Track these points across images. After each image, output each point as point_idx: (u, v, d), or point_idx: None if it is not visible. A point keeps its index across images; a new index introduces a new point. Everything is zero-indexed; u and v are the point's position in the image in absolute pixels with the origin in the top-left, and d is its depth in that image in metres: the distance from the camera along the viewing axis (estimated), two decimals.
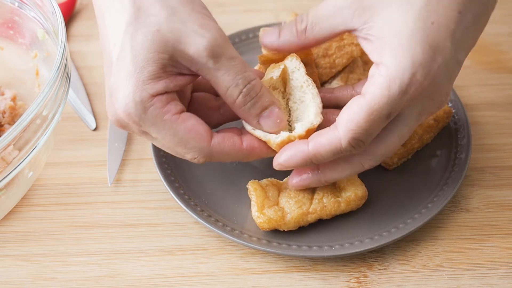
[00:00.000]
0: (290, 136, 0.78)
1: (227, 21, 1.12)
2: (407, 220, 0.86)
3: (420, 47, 0.73)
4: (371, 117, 0.74)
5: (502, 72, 1.05)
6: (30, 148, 0.80)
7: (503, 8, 1.13)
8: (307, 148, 0.77)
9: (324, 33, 0.79)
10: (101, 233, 0.87)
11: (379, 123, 0.74)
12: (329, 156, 0.77)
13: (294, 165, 0.78)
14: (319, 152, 0.76)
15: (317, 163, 0.78)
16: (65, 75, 0.84)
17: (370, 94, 0.74)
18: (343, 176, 0.81)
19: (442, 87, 0.76)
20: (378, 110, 0.73)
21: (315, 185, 0.83)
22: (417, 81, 0.73)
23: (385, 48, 0.74)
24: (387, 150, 0.79)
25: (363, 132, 0.74)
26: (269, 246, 0.83)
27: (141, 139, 0.97)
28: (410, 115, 0.76)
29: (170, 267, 0.84)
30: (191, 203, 0.87)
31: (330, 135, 0.76)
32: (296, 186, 0.83)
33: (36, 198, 0.91)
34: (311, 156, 0.77)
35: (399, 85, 0.73)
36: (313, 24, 0.79)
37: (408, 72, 0.73)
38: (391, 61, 0.74)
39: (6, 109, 0.92)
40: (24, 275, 0.84)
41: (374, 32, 0.75)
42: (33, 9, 0.91)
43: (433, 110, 0.78)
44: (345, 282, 0.83)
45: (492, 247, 0.86)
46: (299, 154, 0.77)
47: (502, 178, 0.92)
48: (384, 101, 0.73)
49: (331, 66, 0.92)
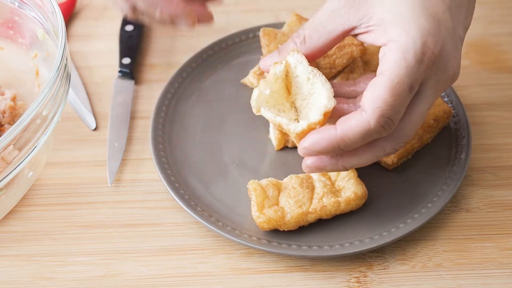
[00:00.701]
0: (310, 124, 0.76)
1: (227, 21, 1.12)
2: (407, 220, 0.86)
3: (424, 18, 0.74)
4: (394, 91, 0.72)
5: (502, 72, 1.05)
6: (30, 148, 0.80)
7: (503, 8, 1.13)
8: (335, 131, 0.74)
9: (324, 39, 0.79)
10: (101, 233, 0.87)
11: (404, 97, 0.73)
12: (358, 140, 0.74)
13: (320, 150, 0.75)
14: (347, 135, 0.74)
15: (344, 149, 0.75)
16: (65, 75, 0.84)
17: (387, 71, 0.73)
18: (363, 162, 0.78)
19: (452, 58, 0.76)
20: (400, 82, 0.72)
21: (330, 169, 0.79)
22: (429, 48, 0.73)
23: (389, 28, 0.74)
24: (410, 130, 0.77)
25: (390, 108, 0.73)
26: (269, 246, 0.83)
27: (141, 139, 0.97)
28: (428, 88, 0.76)
29: (169, 267, 0.84)
30: (191, 203, 0.87)
31: (357, 117, 0.74)
32: (311, 166, 0.79)
33: (36, 198, 0.91)
34: (338, 140, 0.74)
35: (413, 54, 0.73)
36: (311, 34, 0.79)
37: (419, 41, 0.73)
38: (400, 34, 0.74)
39: (6, 109, 0.92)
40: (24, 275, 0.84)
41: (374, 21, 0.76)
42: (33, 9, 0.91)
43: (448, 83, 0.77)
44: (345, 282, 0.83)
45: (492, 247, 0.86)
46: (326, 137, 0.75)
47: (502, 178, 0.92)
48: (403, 73, 0.73)
49: (331, 67, 0.92)
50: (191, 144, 0.94)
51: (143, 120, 0.99)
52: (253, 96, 0.79)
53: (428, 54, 0.74)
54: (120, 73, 1.04)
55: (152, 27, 1.10)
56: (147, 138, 0.97)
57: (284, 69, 0.80)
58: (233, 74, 1.02)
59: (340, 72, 0.93)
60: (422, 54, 0.73)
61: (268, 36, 0.95)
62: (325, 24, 0.78)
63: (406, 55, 0.73)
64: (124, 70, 1.04)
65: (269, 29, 0.96)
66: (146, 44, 1.10)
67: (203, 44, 1.05)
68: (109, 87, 1.03)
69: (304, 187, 0.85)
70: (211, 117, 0.97)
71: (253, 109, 0.79)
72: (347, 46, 0.93)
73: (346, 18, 0.77)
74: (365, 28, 0.77)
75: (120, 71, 1.04)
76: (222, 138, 0.95)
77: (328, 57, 0.92)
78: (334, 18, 0.78)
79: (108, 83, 1.03)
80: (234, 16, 1.13)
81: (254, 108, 0.79)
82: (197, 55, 1.03)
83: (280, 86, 0.79)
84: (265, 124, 0.96)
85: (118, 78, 1.03)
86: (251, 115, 0.96)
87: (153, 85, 1.04)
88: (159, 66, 1.06)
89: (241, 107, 0.97)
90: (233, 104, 0.99)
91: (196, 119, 0.97)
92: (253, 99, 0.79)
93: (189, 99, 0.99)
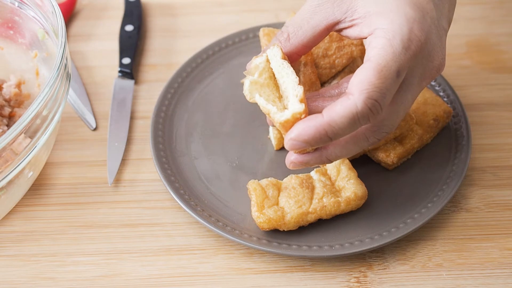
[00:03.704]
0: (295, 113, 0.74)
1: (227, 21, 1.12)
2: (407, 220, 0.86)
3: (409, 7, 0.74)
4: (381, 73, 0.72)
5: (502, 72, 1.05)
6: (30, 148, 0.80)
7: (503, 8, 1.13)
8: (322, 118, 0.72)
9: (309, 35, 0.78)
10: (101, 233, 0.87)
11: (391, 80, 0.72)
12: (346, 125, 0.72)
13: (307, 139, 0.73)
14: (334, 120, 0.72)
15: (332, 137, 0.73)
16: (65, 75, 0.84)
17: (374, 56, 0.72)
18: (347, 153, 0.77)
19: (437, 48, 0.76)
20: (387, 66, 0.72)
21: (315, 163, 0.77)
22: (416, 36, 0.73)
23: (375, 19, 0.74)
24: (394, 120, 0.77)
25: (377, 90, 0.72)
26: (269, 246, 0.83)
27: (141, 139, 0.97)
28: (414, 77, 0.75)
29: (169, 267, 0.84)
30: (191, 203, 0.87)
31: (344, 101, 0.72)
32: (295, 162, 0.78)
33: (36, 198, 0.91)
34: (325, 126, 0.72)
35: (400, 40, 0.73)
36: (295, 31, 0.79)
37: (406, 27, 0.73)
38: (386, 22, 0.73)
39: (11, 97, 0.92)
40: (24, 275, 0.84)
41: (358, 14, 0.75)
42: (33, 9, 0.91)
43: (434, 73, 0.77)
44: (345, 282, 0.83)
45: (492, 247, 0.86)
46: (313, 124, 0.72)
47: (502, 178, 0.92)
48: (390, 57, 0.72)
49: (331, 67, 0.92)
50: (191, 144, 0.94)
51: (143, 120, 0.99)
52: (245, 86, 0.79)
53: (415, 42, 0.73)
54: (120, 73, 1.04)
55: None
56: (147, 138, 0.97)
57: (266, 62, 0.79)
58: (233, 74, 1.02)
59: (340, 72, 0.93)
60: (409, 41, 0.73)
61: (268, 36, 0.95)
62: (309, 20, 0.78)
63: (393, 41, 0.72)
64: (124, 70, 1.04)
65: (269, 29, 0.96)
66: (146, 44, 1.10)
67: (203, 44, 1.05)
68: (109, 87, 1.03)
69: (304, 187, 0.85)
70: (211, 117, 0.97)
71: (246, 97, 0.79)
72: (347, 46, 0.93)
73: (330, 12, 0.77)
74: (349, 22, 0.76)
75: (120, 71, 1.04)
76: (222, 138, 0.95)
77: (328, 57, 0.92)
78: (318, 13, 0.77)
79: (108, 83, 1.03)
80: (234, 16, 1.13)
81: (247, 96, 0.79)
82: (197, 55, 1.03)
83: (267, 80, 0.79)
84: (265, 124, 0.96)
85: (118, 78, 1.04)
86: (251, 115, 0.97)
87: (153, 85, 1.04)
88: (159, 66, 1.06)
89: (241, 107, 0.97)
90: (233, 104, 0.99)
91: (196, 119, 0.97)
92: (245, 88, 0.78)
93: (189, 99, 0.99)
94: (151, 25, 1.12)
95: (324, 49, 0.92)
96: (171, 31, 1.11)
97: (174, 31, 1.11)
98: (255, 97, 0.78)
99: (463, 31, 1.10)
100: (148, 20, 1.13)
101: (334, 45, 0.92)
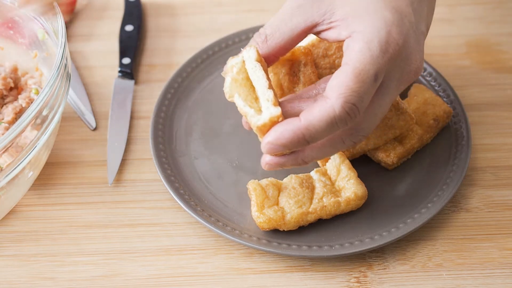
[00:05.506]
0: (272, 117, 0.73)
1: (227, 21, 1.12)
2: (407, 220, 0.86)
3: (387, 11, 0.73)
4: (359, 77, 0.71)
5: (502, 72, 1.04)
6: (30, 148, 0.81)
7: (503, 8, 1.13)
8: (299, 121, 0.72)
9: (286, 37, 0.77)
10: (101, 233, 0.87)
11: (368, 84, 0.72)
12: (323, 129, 0.72)
13: (285, 143, 0.73)
14: (312, 123, 0.72)
15: (310, 140, 0.73)
16: (65, 75, 0.84)
17: (351, 60, 0.72)
18: (322, 155, 0.77)
19: (415, 51, 0.76)
20: (365, 70, 0.71)
21: (291, 164, 0.77)
22: (394, 39, 0.73)
23: (353, 22, 0.74)
24: (371, 123, 0.76)
25: (355, 94, 0.71)
26: (269, 246, 0.83)
27: (141, 139, 0.97)
28: (392, 80, 0.75)
29: (169, 267, 0.85)
30: (191, 203, 0.87)
31: (321, 104, 0.72)
32: (270, 163, 0.77)
33: (36, 198, 0.91)
34: (303, 130, 0.72)
35: (377, 43, 0.72)
36: (272, 32, 0.78)
37: (384, 31, 0.73)
38: (364, 26, 0.73)
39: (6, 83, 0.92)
40: (23, 274, 0.84)
41: (336, 17, 0.75)
42: None
43: (411, 77, 0.77)
44: (345, 282, 0.83)
45: (492, 247, 0.86)
46: (290, 128, 0.72)
47: (502, 178, 0.92)
48: (367, 61, 0.72)
49: (330, 67, 0.92)
50: (191, 144, 0.94)
51: (143, 120, 0.99)
52: (226, 84, 0.78)
53: (393, 45, 0.73)
54: (120, 73, 1.04)
55: None
56: (147, 138, 0.97)
57: (242, 63, 0.78)
58: None
59: None
60: (387, 44, 0.72)
61: None
62: (287, 22, 0.77)
63: (370, 45, 0.72)
64: (124, 70, 1.04)
65: None
66: (146, 44, 1.10)
67: (203, 44, 1.05)
68: (109, 87, 1.03)
69: (304, 187, 0.85)
70: (211, 117, 0.97)
71: (226, 95, 0.78)
72: None
73: (309, 15, 0.76)
74: (327, 25, 0.76)
75: (120, 71, 1.04)
76: (222, 138, 0.95)
77: (328, 57, 0.92)
78: (296, 15, 0.77)
79: (108, 83, 1.03)
80: (234, 16, 1.13)
81: (227, 94, 0.78)
82: (197, 55, 1.03)
83: (244, 80, 0.78)
84: None
85: (118, 78, 1.04)
86: None
87: (153, 85, 1.04)
88: (159, 66, 1.06)
89: None
90: (233, 104, 0.98)
91: (196, 119, 0.97)
92: (226, 86, 0.78)
93: (189, 99, 0.99)
94: (151, 25, 1.12)
95: (324, 49, 0.92)
96: (171, 31, 1.11)
97: (174, 31, 1.11)
98: (234, 97, 0.77)
99: (463, 31, 1.10)
100: (148, 20, 1.13)
101: (334, 45, 0.92)
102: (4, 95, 0.92)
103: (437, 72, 0.99)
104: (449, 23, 1.11)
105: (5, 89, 0.92)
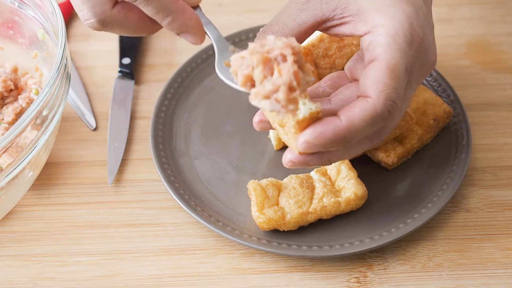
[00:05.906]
0: (313, 112, 0.69)
1: (227, 21, 1.12)
2: (407, 220, 0.86)
3: (404, 3, 0.72)
4: (394, 73, 0.70)
5: (502, 72, 1.05)
6: (30, 148, 0.80)
7: (503, 8, 1.13)
8: (340, 121, 0.69)
9: (294, 33, 0.75)
10: (101, 233, 0.87)
11: (403, 79, 0.70)
12: (365, 128, 0.70)
13: (324, 143, 0.70)
14: (354, 124, 0.69)
15: (350, 141, 0.70)
16: (65, 75, 0.84)
17: (382, 55, 0.70)
18: (349, 155, 0.75)
19: (431, 43, 0.75)
20: (397, 64, 0.70)
21: (315, 163, 0.74)
22: (416, 31, 0.72)
23: (371, 16, 0.72)
24: (397, 119, 0.74)
25: (394, 90, 0.70)
26: (269, 246, 0.83)
27: (141, 139, 0.97)
28: (414, 75, 0.73)
29: (169, 267, 0.85)
30: (191, 203, 0.87)
31: (362, 104, 0.70)
32: (293, 162, 0.74)
33: (36, 198, 0.91)
34: (344, 130, 0.69)
35: (403, 36, 0.71)
36: (280, 29, 0.76)
37: (406, 23, 0.71)
38: (385, 19, 0.71)
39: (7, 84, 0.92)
40: (24, 275, 0.84)
41: (350, 11, 0.73)
42: (33, 9, 0.91)
43: (429, 69, 0.75)
44: (345, 282, 0.83)
45: (492, 247, 0.86)
46: (331, 128, 0.69)
47: (502, 178, 0.92)
48: (398, 55, 0.70)
49: (331, 67, 0.92)
50: (191, 144, 0.94)
51: (143, 120, 0.99)
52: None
53: (416, 37, 0.72)
54: (120, 73, 1.04)
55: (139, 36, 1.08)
56: (147, 138, 0.97)
57: None
58: None
59: None
60: (411, 37, 0.71)
61: None
62: (295, 18, 0.75)
63: (396, 38, 0.71)
64: (124, 70, 1.04)
65: None
66: (146, 44, 1.09)
67: (203, 44, 1.05)
68: (109, 87, 1.03)
69: (304, 187, 0.86)
70: (211, 117, 0.97)
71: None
72: (347, 46, 0.93)
73: (318, 10, 0.74)
74: (339, 20, 0.74)
75: (120, 71, 1.04)
76: (222, 138, 0.95)
77: (328, 57, 0.92)
78: (304, 10, 0.75)
79: (108, 83, 1.03)
80: (234, 16, 1.13)
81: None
82: (197, 55, 1.03)
83: None
84: None
85: (118, 78, 1.03)
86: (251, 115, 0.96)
87: (153, 85, 1.04)
88: (159, 66, 1.06)
89: (241, 107, 0.97)
90: (233, 104, 0.99)
91: (196, 119, 0.97)
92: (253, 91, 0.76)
93: (189, 99, 0.99)
94: None
95: (324, 49, 0.92)
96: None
97: None
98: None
99: (462, 31, 1.10)
100: None
101: (334, 45, 0.92)
102: (4, 96, 0.92)
103: (437, 72, 0.99)
104: (449, 23, 1.11)
105: (5, 91, 0.92)
